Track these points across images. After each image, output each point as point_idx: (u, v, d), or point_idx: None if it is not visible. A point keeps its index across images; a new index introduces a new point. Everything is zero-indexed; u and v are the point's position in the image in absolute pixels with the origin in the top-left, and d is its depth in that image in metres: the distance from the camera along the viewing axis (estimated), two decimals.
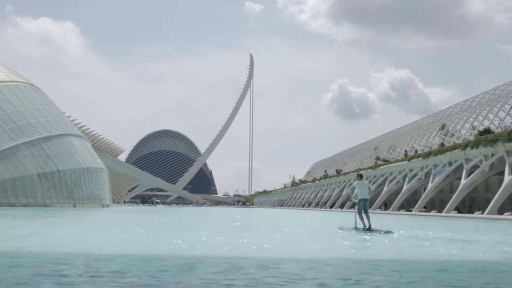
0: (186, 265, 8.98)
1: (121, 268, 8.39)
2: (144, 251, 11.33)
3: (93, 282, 7.17)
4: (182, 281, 7.32)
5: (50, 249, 11.53)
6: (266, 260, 9.94)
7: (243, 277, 7.66)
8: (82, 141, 64.27)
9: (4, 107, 52.46)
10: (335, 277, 8.02)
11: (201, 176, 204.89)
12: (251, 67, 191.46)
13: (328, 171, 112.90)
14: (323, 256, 11.12)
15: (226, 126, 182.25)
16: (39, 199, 51.40)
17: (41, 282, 7.10)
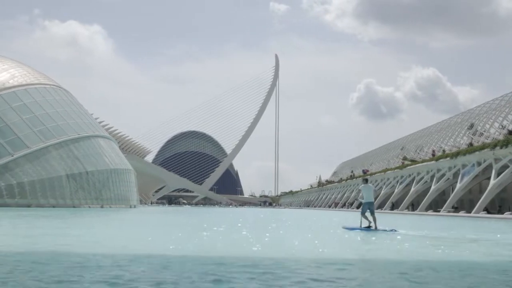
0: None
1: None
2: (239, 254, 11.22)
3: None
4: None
5: (138, 249, 11.64)
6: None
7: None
8: (110, 142, 64.88)
9: (33, 109, 53.20)
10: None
11: (227, 177, 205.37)
12: (277, 67, 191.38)
13: (354, 171, 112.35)
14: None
15: (252, 127, 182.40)
16: (67, 200, 52.03)
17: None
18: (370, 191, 19.70)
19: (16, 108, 51.89)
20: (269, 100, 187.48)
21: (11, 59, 61.15)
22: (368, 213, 19.41)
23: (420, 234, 18.70)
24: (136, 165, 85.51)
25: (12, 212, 34.61)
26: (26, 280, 7.22)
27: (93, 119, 67.38)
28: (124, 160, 66.64)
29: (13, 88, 53.48)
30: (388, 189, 79.98)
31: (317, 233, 19.50)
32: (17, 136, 50.08)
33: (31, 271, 8.03)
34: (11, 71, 56.31)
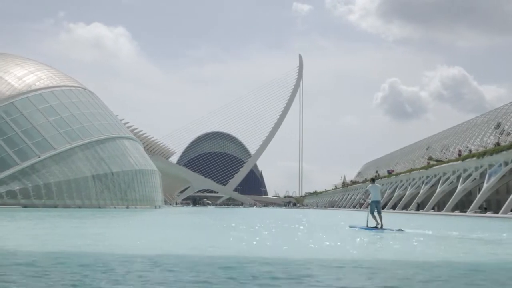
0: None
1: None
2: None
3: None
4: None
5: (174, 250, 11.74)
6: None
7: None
8: (135, 143, 65.36)
9: (60, 111, 53.82)
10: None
11: (251, 177, 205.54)
12: (300, 67, 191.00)
13: (379, 171, 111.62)
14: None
15: (276, 127, 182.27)
16: (93, 201, 52.54)
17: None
18: (377, 190, 20.39)
19: (42, 110, 52.57)
20: (293, 100, 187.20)
21: (37, 62, 61.95)
22: (375, 213, 19.80)
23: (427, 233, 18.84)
24: (161, 166, 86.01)
25: (44, 212, 35.03)
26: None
27: (118, 121, 67.92)
28: (149, 161, 67.07)
29: (40, 90, 54.17)
30: (414, 190, 79.29)
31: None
32: (44, 138, 50.72)
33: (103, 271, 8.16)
34: (37, 73, 57.04)
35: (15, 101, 51.44)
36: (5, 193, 46.65)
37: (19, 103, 51.62)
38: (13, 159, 48.21)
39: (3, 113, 50.07)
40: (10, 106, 50.94)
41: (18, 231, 17.78)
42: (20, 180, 47.96)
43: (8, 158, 48.11)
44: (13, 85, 53.18)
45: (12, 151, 48.48)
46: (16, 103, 51.43)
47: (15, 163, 48.13)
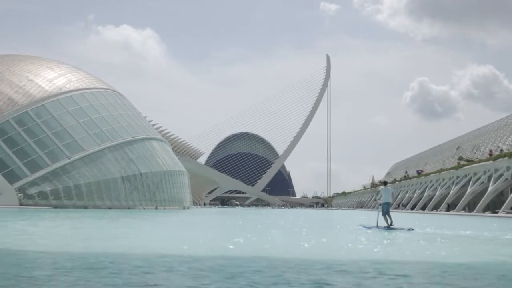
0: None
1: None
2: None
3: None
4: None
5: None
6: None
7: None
8: (163, 144, 65.79)
9: (89, 113, 54.46)
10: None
11: (279, 178, 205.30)
12: (328, 67, 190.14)
13: (408, 172, 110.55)
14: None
15: (303, 128, 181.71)
16: (122, 201, 53.02)
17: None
18: (389, 193, 21.57)
19: (72, 112, 53.25)
20: (320, 101, 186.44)
21: (67, 64, 62.77)
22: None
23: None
24: (189, 167, 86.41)
25: (81, 213, 35.47)
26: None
27: (147, 122, 68.45)
28: (177, 162, 67.44)
29: (70, 93, 54.89)
30: (444, 190, 78.34)
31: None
32: (74, 139, 51.38)
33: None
34: (67, 76, 57.79)
35: (46, 104, 52.20)
36: (37, 194, 47.40)
37: (50, 106, 52.37)
38: (44, 161, 48.94)
39: (34, 116, 50.84)
40: (41, 109, 51.71)
41: (86, 232, 18.17)
42: (51, 181, 48.67)
43: (39, 160, 48.85)
44: (44, 87, 53.97)
45: (43, 152, 49.21)
46: (47, 105, 52.19)
47: (46, 164, 48.85)
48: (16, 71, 55.28)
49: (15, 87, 52.74)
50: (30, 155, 48.82)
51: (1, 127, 49.19)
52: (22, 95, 52.04)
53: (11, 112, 50.02)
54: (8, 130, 49.34)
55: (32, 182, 47.54)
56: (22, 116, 50.43)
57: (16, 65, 56.60)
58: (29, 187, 47.55)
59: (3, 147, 48.30)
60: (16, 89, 52.51)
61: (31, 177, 47.68)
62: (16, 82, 53.41)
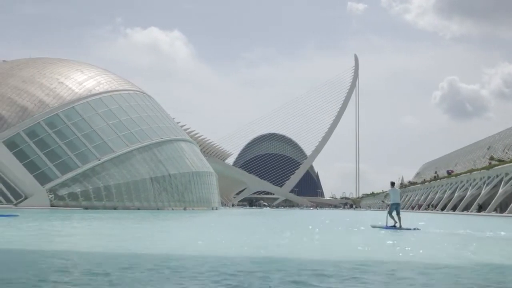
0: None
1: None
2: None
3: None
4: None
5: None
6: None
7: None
8: (191, 145, 66.07)
9: (118, 115, 54.98)
10: None
11: (307, 179, 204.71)
12: (356, 67, 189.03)
13: (438, 172, 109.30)
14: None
15: (332, 128, 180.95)
16: (151, 202, 53.38)
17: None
18: (397, 193, 22.17)
19: (102, 114, 53.82)
20: (348, 101, 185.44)
21: (96, 67, 63.45)
22: (394, 213, 21.65)
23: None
24: (217, 168, 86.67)
25: (115, 214, 35.79)
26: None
27: (175, 123, 68.81)
28: (205, 163, 67.67)
29: (99, 95, 55.47)
30: (475, 191, 77.20)
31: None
32: (104, 141, 51.92)
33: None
34: (97, 78, 58.42)
35: (75, 106, 52.85)
36: (67, 195, 48.00)
37: (80, 108, 53.00)
38: (74, 162, 49.55)
39: (64, 118, 51.50)
40: (71, 111, 52.36)
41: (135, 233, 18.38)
42: (81, 182, 49.25)
43: (70, 161, 49.48)
44: (74, 90, 54.63)
45: (74, 154, 49.83)
46: (77, 107, 52.83)
47: (76, 166, 49.45)
48: (47, 74, 56.06)
49: (46, 89, 53.50)
50: (60, 156, 49.47)
51: (33, 129, 49.93)
52: (53, 98, 52.75)
53: (42, 115, 50.74)
54: (39, 132, 50.06)
55: (63, 184, 48.15)
56: (53, 119, 51.13)
57: (47, 68, 57.41)
58: (59, 188, 48.18)
59: (34, 149, 49.02)
60: (47, 92, 53.24)
61: (61, 179, 48.31)
62: (47, 84, 54.16)
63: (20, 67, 57.10)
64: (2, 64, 60.32)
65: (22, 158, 48.28)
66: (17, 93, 52.31)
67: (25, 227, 19.44)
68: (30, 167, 48.12)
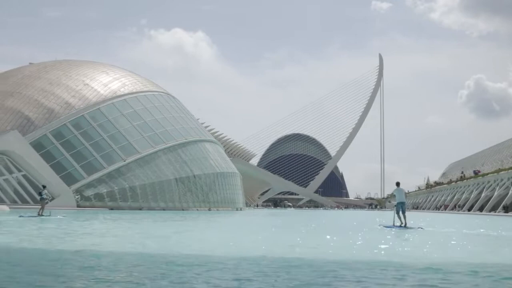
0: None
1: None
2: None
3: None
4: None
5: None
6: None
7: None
8: (215, 146, 66.20)
9: (143, 116, 55.33)
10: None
11: (332, 179, 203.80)
12: (381, 67, 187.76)
13: (465, 172, 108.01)
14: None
15: (356, 128, 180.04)
16: (176, 203, 53.62)
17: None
18: (402, 193, 22.85)
19: (127, 115, 54.21)
20: (373, 101, 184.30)
21: (121, 68, 63.94)
22: (400, 213, 22.32)
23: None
24: (242, 168, 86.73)
25: (144, 214, 36.03)
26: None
27: (199, 124, 69.04)
28: (229, 164, 67.75)
29: (124, 96, 55.88)
30: (502, 191, 76.11)
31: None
32: (129, 142, 52.30)
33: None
34: (122, 79, 58.85)
35: (101, 107, 53.32)
36: (93, 195, 48.47)
37: (105, 109, 53.46)
38: (100, 163, 49.99)
39: (90, 119, 52.00)
40: (97, 112, 52.83)
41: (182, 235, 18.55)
42: (107, 183, 49.68)
43: (96, 162, 49.94)
44: (99, 91, 55.12)
45: (99, 155, 50.28)
46: (102, 109, 53.29)
47: (102, 167, 49.89)
48: (72, 75, 56.66)
49: (71, 91, 54.06)
50: (86, 157, 49.96)
51: (59, 131, 50.49)
52: (79, 99, 53.29)
53: (68, 116, 51.27)
54: (65, 133, 50.61)
55: (89, 184, 48.61)
56: (79, 120, 51.65)
57: (72, 70, 58.02)
58: (85, 189, 48.66)
59: (61, 150, 49.57)
60: (73, 93, 53.80)
61: (87, 179, 48.79)
62: (72, 86, 54.73)
63: (47, 70, 57.80)
64: (29, 66, 61.16)
65: (49, 159, 48.86)
66: (43, 95, 52.95)
67: (84, 225, 20.80)
68: (56, 168, 48.68)
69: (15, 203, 45.92)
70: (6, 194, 47.01)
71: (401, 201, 22.40)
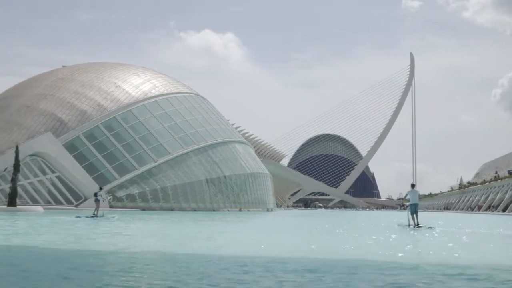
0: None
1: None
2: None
3: None
4: None
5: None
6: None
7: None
8: (246, 147, 66.26)
9: (174, 117, 55.65)
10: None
11: (363, 180, 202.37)
12: (412, 66, 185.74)
13: (499, 172, 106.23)
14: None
15: (387, 128, 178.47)
16: (207, 204, 53.81)
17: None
18: (416, 195, 23.67)
19: (158, 116, 54.60)
20: (404, 100, 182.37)
21: (152, 70, 64.42)
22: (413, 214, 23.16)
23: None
24: (272, 169, 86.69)
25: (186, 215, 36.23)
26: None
27: (230, 125, 69.16)
28: (260, 164, 67.76)
29: (155, 98, 56.29)
30: None
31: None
32: (160, 143, 52.65)
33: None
34: (153, 81, 59.30)
35: (132, 109, 53.79)
36: (125, 196, 48.89)
37: (137, 111, 53.92)
38: (132, 164, 50.42)
39: (122, 121, 52.50)
40: (128, 114, 53.31)
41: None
42: (139, 184, 50.09)
43: (127, 163, 50.38)
44: (131, 93, 55.62)
45: (131, 156, 50.72)
46: (133, 110, 53.76)
47: (134, 168, 50.32)
48: (104, 78, 57.28)
49: (103, 93, 54.66)
50: (118, 159, 50.44)
51: (91, 132, 51.10)
52: (110, 101, 53.86)
53: (101, 118, 51.84)
54: (97, 135, 51.19)
55: (121, 185, 49.07)
56: (111, 121, 52.18)
57: (104, 72, 58.65)
58: (118, 190, 49.12)
59: (93, 151, 50.16)
60: (105, 95, 54.39)
61: (119, 180, 49.24)
62: (104, 88, 55.33)
63: (79, 72, 58.56)
64: (62, 69, 62.05)
65: (81, 160, 49.47)
66: (76, 97, 53.65)
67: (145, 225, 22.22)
68: (89, 169, 49.25)
69: (49, 203, 46.62)
70: (40, 195, 47.78)
71: (414, 202, 23.18)
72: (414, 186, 24.47)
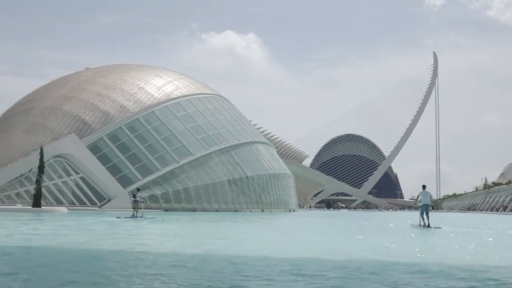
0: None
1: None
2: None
3: None
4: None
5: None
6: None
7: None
8: (268, 148, 66.20)
9: (196, 118, 55.80)
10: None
11: (386, 180, 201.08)
12: (435, 65, 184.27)
13: None
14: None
15: (410, 128, 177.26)
16: (229, 204, 53.86)
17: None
18: (427, 196, 24.06)
19: (180, 117, 54.80)
20: (428, 100, 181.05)
21: (174, 71, 64.64)
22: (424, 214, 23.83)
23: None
24: (294, 170, 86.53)
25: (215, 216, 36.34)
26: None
27: (252, 126, 69.16)
28: (282, 165, 67.64)
29: (178, 99, 56.49)
30: None
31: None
32: (182, 144, 52.83)
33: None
34: (175, 83, 59.52)
35: (155, 110, 54.05)
36: (148, 197, 49.11)
37: (159, 112, 54.16)
38: (154, 165, 50.67)
39: (144, 122, 52.80)
40: (151, 115, 53.58)
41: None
42: (161, 185, 50.34)
43: (150, 164, 50.64)
44: (153, 94, 55.89)
45: (154, 157, 50.97)
46: (156, 111, 54.02)
47: (156, 169, 50.57)
48: (127, 79, 57.65)
49: (126, 95, 55.01)
50: (141, 160, 50.72)
51: (115, 134, 51.48)
52: (133, 103, 54.18)
53: (124, 119, 52.18)
54: (121, 136, 51.54)
55: (144, 186, 49.28)
56: (134, 123, 52.50)
57: (127, 74, 59.01)
58: (141, 190, 49.29)
59: (116, 152, 50.50)
60: (128, 97, 54.74)
61: (142, 181, 49.44)
62: (127, 90, 55.68)
63: (102, 74, 59.00)
64: (85, 71, 62.57)
65: (105, 161, 49.84)
66: (99, 99, 54.07)
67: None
68: (112, 170, 49.62)
69: (73, 204, 47.07)
70: (64, 196, 48.27)
71: (426, 203, 23.67)
72: (425, 187, 24.67)
